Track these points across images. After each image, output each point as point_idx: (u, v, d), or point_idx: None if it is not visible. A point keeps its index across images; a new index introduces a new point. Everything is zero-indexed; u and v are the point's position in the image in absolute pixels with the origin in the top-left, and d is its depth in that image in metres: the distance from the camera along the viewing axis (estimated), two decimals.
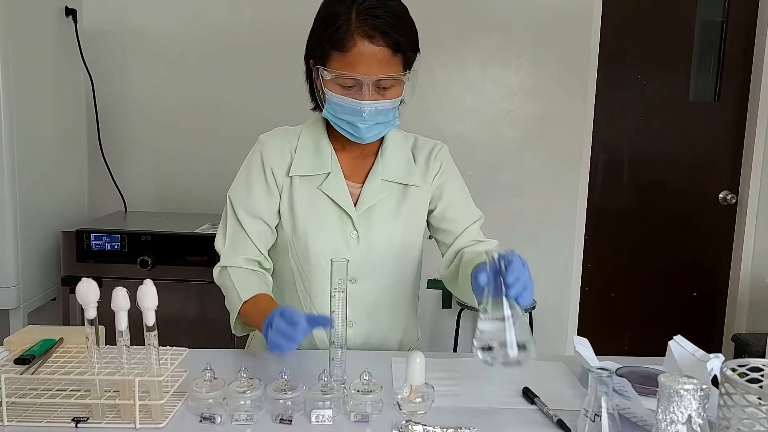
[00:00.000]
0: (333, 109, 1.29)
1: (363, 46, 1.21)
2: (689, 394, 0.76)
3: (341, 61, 1.23)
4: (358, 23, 1.21)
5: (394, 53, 1.25)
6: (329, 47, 1.24)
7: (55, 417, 1.04)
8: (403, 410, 1.09)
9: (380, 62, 1.23)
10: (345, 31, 1.21)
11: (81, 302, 0.99)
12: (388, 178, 1.40)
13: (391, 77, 1.26)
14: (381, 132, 1.33)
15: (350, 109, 1.26)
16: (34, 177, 2.36)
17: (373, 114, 1.27)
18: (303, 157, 1.38)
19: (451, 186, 1.46)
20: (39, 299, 2.42)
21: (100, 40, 2.89)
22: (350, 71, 1.22)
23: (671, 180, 3.31)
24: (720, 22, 3.25)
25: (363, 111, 1.25)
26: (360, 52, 1.21)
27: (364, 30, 1.21)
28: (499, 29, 3.05)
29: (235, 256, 1.37)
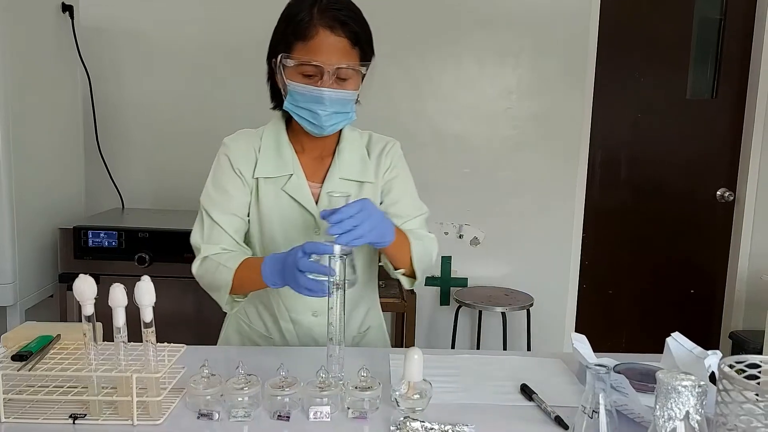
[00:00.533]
0: (294, 99, 1.34)
1: (324, 35, 1.28)
2: (687, 391, 0.76)
3: (303, 49, 1.30)
4: (320, 15, 1.29)
5: (353, 45, 1.32)
6: (293, 38, 1.31)
7: (53, 414, 1.04)
8: (401, 407, 1.09)
9: (340, 52, 1.30)
10: (308, 22, 1.29)
11: (78, 299, 0.99)
12: (345, 176, 1.46)
13: (349, 67, 1.32)
14: (340, 123, 1.38)
15: (311, 97, 1.32)
16: (31, 174, 2.36)
17: (332, 102, 1.32)
18: (266, 159, 1.44)
19: (399, 182, 1.52)
20: (36, 296, 2.42)
21: (97, 37, 2.88)
22: (312, 58, 1.29)
23: (669, 177, 3.32)
24: (718, 19, 3.25)
25: (323, 98, 1.31)
26: (321, 41, 1.28)
27: (326, 21, 1.28)
28: (496, 27, 3.05)
29: (215, 246, 1.41)
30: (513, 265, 3.20)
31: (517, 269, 3.19)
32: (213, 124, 2.99)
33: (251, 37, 3.02)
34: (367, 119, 3.24)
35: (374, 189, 1.48)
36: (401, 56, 3.02)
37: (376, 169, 1.49)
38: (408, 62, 3.03)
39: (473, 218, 3.17)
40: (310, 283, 1.18)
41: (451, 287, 3.18)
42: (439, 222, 3.15)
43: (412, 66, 3.04)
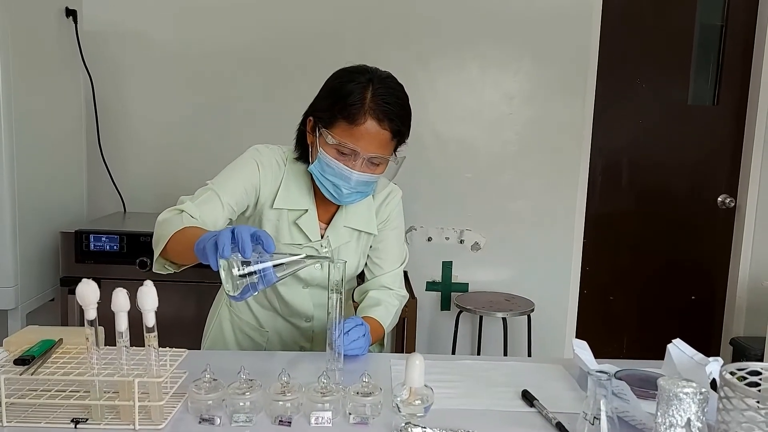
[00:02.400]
0: (322, 168, 1.40)
1: (371, 126, 1.34)
2: (689, 398, 0.76)
3: (347, 131, 1.35)
4: (372, 105, 1.34)
5: (393, 138, 1.38)
6: (340, 116, 1.35)
7: (55, 418, 1.04)
8: (402, 412, 1.09)
9: (380, 143, 1.36)
10: (359, 108, 1.33)
11: (81, 303, 0.99)
12: (350, 225, 1.53)
13: (385, 157, 1.39)
14: (358, 199, 1.46)
15: (340, 174, 1.38)
16: (33, 177, 2.36)
17: (358, 183, 1.39)
18: (287, 190, 1.48)
19: (390, 234, 1.60)
20: (37, 300, 2.42)
21: (100, 41, 2.89)
22: (353, 143, 1.34)
23: (670, 183, 3.32)
24: (719, 26, 3.26)
25: (351, 179, 1.38)
26: (367, 130, 1.34)
27: (376, 113, 1.34)
28: (498, 32, 3.05)
29: (195, 208, 1.39)
30: (514, 270, 3.20)
31: (518, 275, 3.19)
32: (215, 128, 3.00)
33: (254, 42, 3.05)
34: None
35: (370, 237, 1.58)
36: (403, 61, 3.03)
37: (374, 220, 1.57)
38: (410, 67, 3.04)
39: (474, 223, 3.17)
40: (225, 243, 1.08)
41: (452, 292, 3.18)
42: (440, 227, 3.15)
43: (414, 71, 3.04)
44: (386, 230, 1.59)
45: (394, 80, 1.41)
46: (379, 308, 1.55)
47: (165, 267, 1.35)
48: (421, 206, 3.09)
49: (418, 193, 3.07)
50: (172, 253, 1.30)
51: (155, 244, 1.33)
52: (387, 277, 1.61)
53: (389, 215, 1.59)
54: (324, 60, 3.15)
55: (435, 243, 3.17)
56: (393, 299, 1.60)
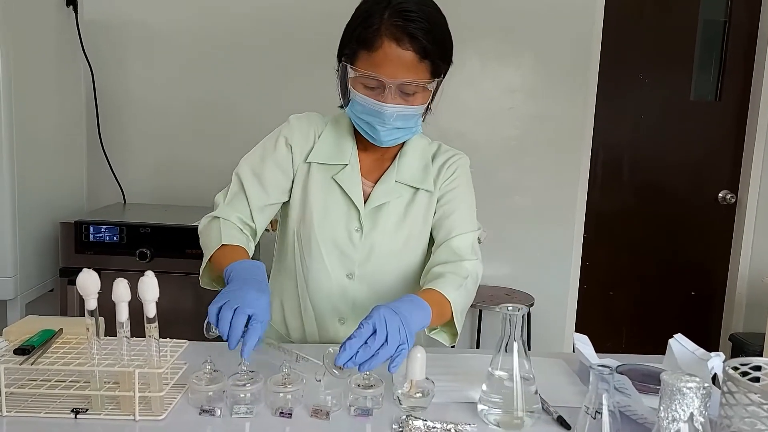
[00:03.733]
0: (355, 108, 1.28)
1: (390, 48, 1.20)
2: (692, 392, 0.76)
3: (367, 60, 1.22)
4: (389, 24, 1.19)
5: (422, 59, 1.22)
6: (357, 45, 1.23)
7: (55, 408, 1.03)
8: (403, 405, 1.09)
9: (406, 66, 1.21)
10: (375, 31, 1.20)
11: (82, 293, 0.99)
12: (401, 180, 1.39)
13: (414, 83, 1.23)
14: (400, 138, 1.32)
15: (371, 110, 1.25)
16: (33, 168, 2.35)
17: (393, 118, 1.25)
18: (324, 145, 1.38)
19: (457, 194, 1.42)
20: (37, 290, 2.42)
21: (100, 31, 2.88)
22: (375, 71, 1.21)
23: (671, 179, 3.32)
24: (722, 21, 3.25)
25: (383, 114, 1.24)
26: (385, 54, 1.20)
27: (392, 32, 1.19)
28: (500, 27, 3.04)
29: (232, 212, 1.35)
30: (514, 265, 3.19)
31: (519, 269, 3.19)
32: (216, 119, 2.99)
33: (256, 31, 3.03)
34: None
35: (430, 198, 1.40)
36: None
37: (436, 178, 1.41)
38: None
39: None
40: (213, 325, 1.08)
41: None
42: None
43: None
44: (453, 190, 1.41)
45: None
46: (441, 280, 1.28)
47: (212, 284, 1.34)
48: None
49: None
50: (217, 272, 1.28)
51: (204, 251, 1.32)
52: (456, 241, 1.37)
53: (454, 173, 1.42)
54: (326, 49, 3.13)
55: None
56: (461, 269, 1.32)
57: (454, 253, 1.36)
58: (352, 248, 1.37)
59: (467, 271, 1.33)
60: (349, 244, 1.37)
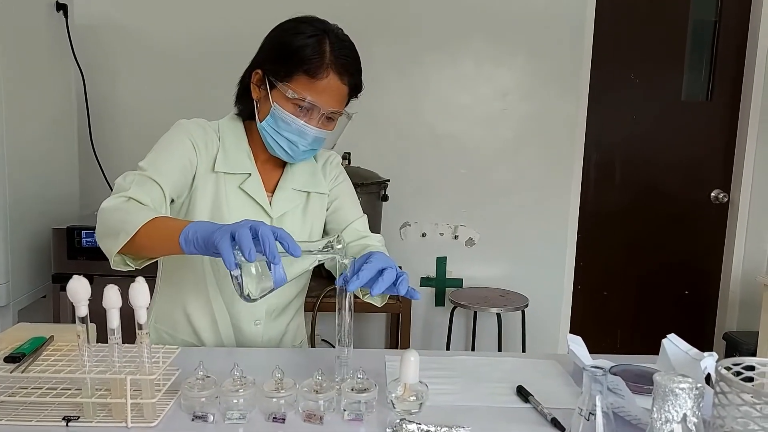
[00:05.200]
0: (277, 125, 1.33)
1: (333, 81, 1.29)
2: (685, 393, 0.76)
3: (308, 86, 1.29)
4: (334, 59, 1.29)
5: (349, 93, 1.35)
6: (298, 68, 1.29)
7: (46, 416, 1.03)
8: (396, 409, 1.08)
9: (340, 97, 1.33)
10: (319, 62, 1.28)
11: (72, 300, 0.98)
12: (296, 187, 1.46)
13: (341, 113, 1.35)
14: (309, 156, 1.42)
15: (298, 130, 1.32)
16: (25, 173, 2.34)
17: (314, 140, 1.34)
18: (227, 153, 1.40)
19: (343, 188, 1.54)
20: (29, 297, 2.41)
21: (91, 36, 2.87)
22: (314, 98, 1.29)
23: (663, 179, 3.33)
24: (713, 21, 3.26)
25: (308, 135, 1.32)
26: (329, 84, 1.29)
27: (338, 67, 1.29)
28: (493, 28, 3.05)
29: (145, 196, 1.26)
30: (508, 266, 3.20)
31: (513, 270, 3.19)
32: None
33: (246, 36, 3.01)
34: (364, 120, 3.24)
35: (323, 198, 1.50)
36: (397, 57, 3.02)
37: (324, 179, 1.51)
38: (404, 63, 3.03)
39: (468, 219, 3.17)
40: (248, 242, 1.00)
41: (446, 288, 3.18)
42: (435, 222, 3.15)
43: (408, 67, 3.04)
44: (338, 186, 1.52)
45: (344, 33, 1.37)
46: (372, 247, 1.40)
47: (126, 263, 1.22)
48: (415, 202, 3.09)
49: (413, 189, 3.06)
50: (137, 246, 1.16)
51: (112, 236, 1.16)
52: (355, 225, 1.49)
53: (336, 171, 1.53)
54: None
55: (429, 239, 3.16)
56: (373, 240, 1.47)
57: (358, 232, 1.48)
58: None
59: (379, 239, 1.48)
60: None
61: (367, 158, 2.84)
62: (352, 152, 2.71)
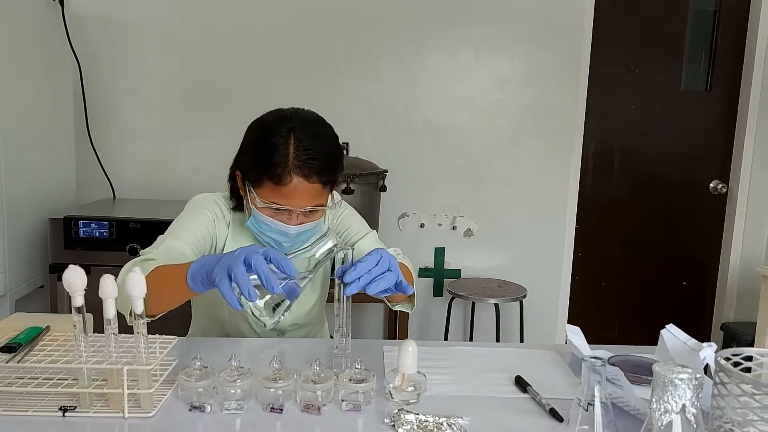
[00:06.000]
0: (259, 226, 1.35)
1: (299, 183, 1.27)
2: (684, 384, 0.75)
3: (276, 191, 1.28)
4: (296, 162, 1.26)
5: (324, 188, 1.31)
6: (265, 177, 1.28)
7: (42, 406, 1.02)
8: (395, 399, 1.08)
9: (312, 195, 1.30)
10: (282, 167, 1.25)
11: (68, 290, 0.97)
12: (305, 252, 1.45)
13: (318, 207, 1.33)
14: (303, 241, 1.38)
15: (278, 231, 1.33)
16: (21, 163, 2.33)
17: (298, 235, 1.34)
18: (236, 234, 1.45)
19: (345, 217, 1.55)
20: (26, 287, 2.40)
21: (87, 26, 2.85)
22: (283, 202, 1.29)
23: (662, 169, 3.32)
24: (713, 11, 3.25)
25: (290, 233, 1.33)
26: (295, 188, 1.27)
27: (302, 170, 1.26)
28: (491, 18, 3.03)
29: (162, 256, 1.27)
30: (506, 256, 3.19)
31: (511, 261, 3.19)
32: (204, 113, 2.97)
33: (245, 28, 3.01)
34: (361, 111, 3.22)
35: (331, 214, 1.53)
36: (395, 47, 3.00)
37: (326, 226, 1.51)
38: (401, 53, 3.01)
39: (467, 209, 3.16)
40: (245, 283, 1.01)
41: (444, 278, 3.18)
42: (433, 213, 3.14)
43: (405, 57, 3.02)
44: (341, 218, 1.54)
45: (320, 123, 1.33)
46: None
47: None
48: (413, 192, 3.08)
49: (411, 180, 3.05)
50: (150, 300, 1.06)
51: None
52: (362, 243, 1.46)
53: (341, 220, 1.54)
54: (315, 47, 3.13)
55: (427, 229, 3.16)
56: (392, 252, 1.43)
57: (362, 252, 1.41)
58: None
59: (392, 251, 1.43)
60: None
61: (366, 148, 2.82)
62: (351, 142, 2.70)
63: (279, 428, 1.01)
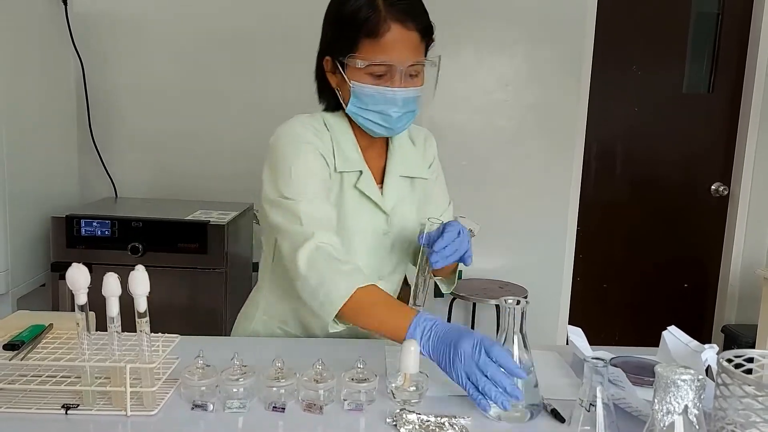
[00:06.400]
0: (362, 102, 1.25)
1: (397, 31, 1.19)
2: (686, 385, 0.75)
3: (373, 48, 1.20)
4: (389, 8, 1.19)
5: (422, 38, 1.24)
6: (360, 35, 1.21)
7: (45, 404, 1.02)
8: (397, 399, 1.08)
9: (413, 47, 1.22)
10: (376, 17, 1.19)
11: (71, 287, 0.98)
12: (403, 173, 1.40)
13: (420, 63, 1.25)
14: (409, 122, 1.32)
15: (383, 98, 1.24)
16: (24, 162, 2.33)
17: (406, 102, 1.26)
18: (343, 152, 1.33)
19: (438, 175, 1.51)
20: (28, 285, 2.40)
21: (90, 24, 2.85)
22: (385, 57, 1.20)
23: (664, 171, 3.32)
24: (715, 14, 3.25)
25: (397, 99, 1.24)
26: (394, 38, 1.20)
27: (396, 15, 1.19)
28: (493, 18, 3.03)
29: (326, 232, 1.22)
30: (508, 257, 3.19)
31: (512, 262, 3.19)
32: (207, 113, 2.98)
33: (247, 25, 3.01)
34: None
35: (424, 184, 1.45)
36: None
37: (425, 162, 1.46)
38: None
39: (468, 210, 3.16)
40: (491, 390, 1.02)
41: None
42: None
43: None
44: (435, 171, 1.48)
45: None
46: None
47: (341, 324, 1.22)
48: None
49: None
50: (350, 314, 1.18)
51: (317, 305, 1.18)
52: (444, 217, 1.45)
53: (434, 157, 1.48)
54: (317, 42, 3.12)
55: None
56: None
57: None
58: (384, 252, 1.40)
59: None
60: (381, 249, 1.39)
61: None
62: None
63: (281, 427, 1.01)
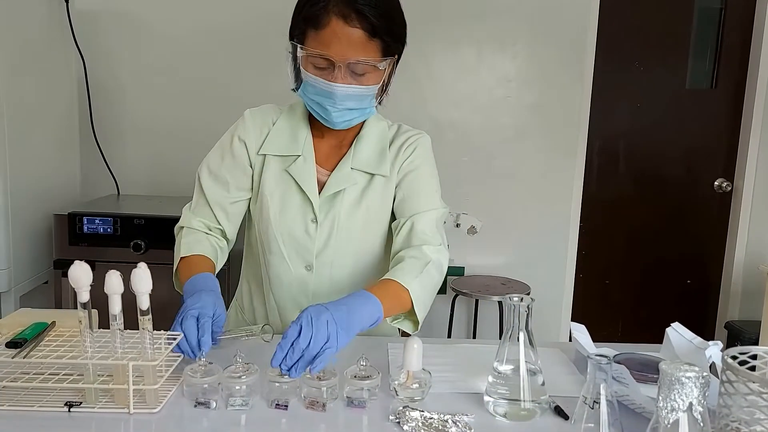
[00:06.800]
0: (306, 90, 1.26)
1: (337, 26, 1.17)
2: (691, 382, 0.75)
3: (315, 39, 1.19)
4: (337, 2, 1.16)
5: (371, 37, 1.19)
6: (305, 24, 1.21)
7: (48, 401, 1.02)
8: (400, 396, 1.08)
9: (355, 45, 1.18)
10: (322, 8, 1.17)
11: (74, 285, 0.97)
12: (357, 166, 1.36)
13: (363, 62, 1.20)
14: (353, 120, 1.30)
15: (321, 91, 1.23)
16: (26, 159, 2.34)
17: (343, 98, 1.23)
18: (277, 137, 1.37)
19: (415, 176, 1.38)
20: (30, 282, 2.41)
21: (92, 22, 2.85)
22: (322, 49, 1.19)
23: (667, 167, 3.31)
24: (718, 9, 3.24)
25: (334, 94, 1.22)
26: (333, 32, 1.17)
27: (339, 9, 1.16)
28: (496, 15, 3.02)
29: (194, 218, 1.40)
30: (510, 254, 3.19)
31: (515, 258, 3.18)
32: (209, 109, 2.97)
33: (248, 21, 3.01)
34: None
35: (386, 183, 1.37)
36: None
37: (394, 161, 1.37)
38: (406, 50, 3.00)
39: (471, 207, 3.16)
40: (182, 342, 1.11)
41: (448, 276, 3.17)
42: None
43: (409, 54, 2.99)
44: (413, 172, 1.37)
45: None
46: (400, 268, 1.24)
47: None
48: None
49: None
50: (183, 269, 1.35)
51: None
52: (417, 224, 1.32)
53: (412, 155, 1.37)
54: None
55: None
56: (422, 254, 1.27)
57: (416, 236, 1.32)
58: (309, 240, 1.36)
59: (428, 256, 1.28)
60: (305, 237, 1.36)
61: None
62: None
63: (284, 424, 1.01)
